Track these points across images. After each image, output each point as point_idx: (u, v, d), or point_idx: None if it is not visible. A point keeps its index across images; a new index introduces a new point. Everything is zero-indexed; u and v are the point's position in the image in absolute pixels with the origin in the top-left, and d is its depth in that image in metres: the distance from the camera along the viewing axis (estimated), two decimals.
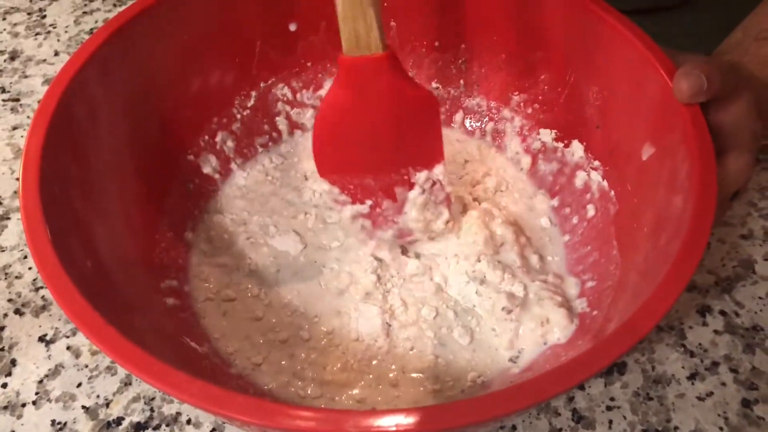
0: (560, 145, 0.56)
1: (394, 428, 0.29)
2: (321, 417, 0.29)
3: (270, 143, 0.60)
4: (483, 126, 0.61)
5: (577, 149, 0.54)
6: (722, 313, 0.52)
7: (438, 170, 0.49)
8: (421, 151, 0.48)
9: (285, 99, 0.60)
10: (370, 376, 0.46)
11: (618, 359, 0.33)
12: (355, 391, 0.45)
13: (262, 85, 0.58)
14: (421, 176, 0.49)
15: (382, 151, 0.48)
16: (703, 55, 0.47)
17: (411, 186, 0.49)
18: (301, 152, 0.60)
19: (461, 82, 0.60)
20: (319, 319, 0.49)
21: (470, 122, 0.61)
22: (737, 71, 0.45)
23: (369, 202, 0.50)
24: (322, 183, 0.53)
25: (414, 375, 0.46)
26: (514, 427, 0.46)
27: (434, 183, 0.49)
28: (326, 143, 0.48)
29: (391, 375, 0.46)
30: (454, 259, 0.51)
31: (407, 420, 0.29)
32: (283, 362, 0.47)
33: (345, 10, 0.41)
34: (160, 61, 0.50)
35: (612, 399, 0.47)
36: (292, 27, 0.56)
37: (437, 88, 0.61)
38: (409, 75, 0.46)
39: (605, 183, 0.51)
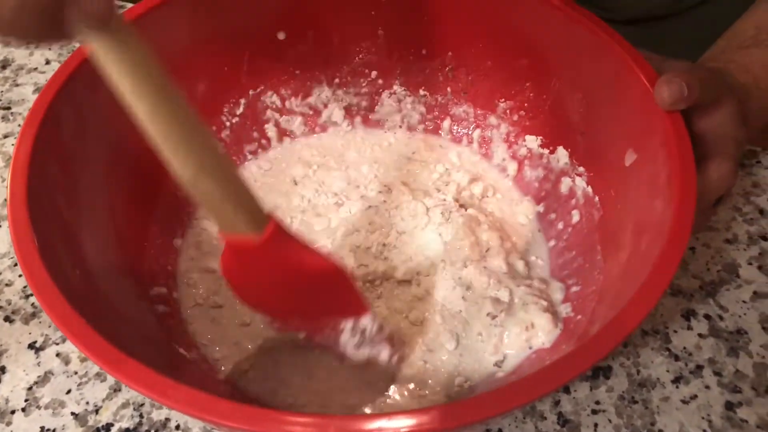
0: (546, 151, 0.56)
1: (378, 431, 0.29)
2: (306, 422, 0.29)
3: (259, 150, 0.60)
4: (470, 133, 0.61)
5: (562, 155, 0.54)
6: (706, 317, 0.53)
7: (365, 321, 0.44)
8: (338, 308, 0.44)
9: (274, 106, 0.60)
10: (359, 382, 0.46)
11: (600, 361, 0.33)
12: (343, 398, 0.46)
13: (251, 92, 0.58)
14: (347, 324, 0.44)
15: (294, 307, 0.44)
16: (688, 62, 0.48)
17: (339, 332, 0.44)
18: (289, 158, 0.60)
19: (448, 89, 0.61)
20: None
21: (457, 129, 0.62)
22: (721, 79, 0.46)
23: (302, 334, 0.47)
24: (311, 189, 0.54)
25: (402, 380, 0.47)
26: (500, 431, 0.46)
27: (364, 331, 0.44)
28: (237, 289, 0.43)
29: (379, 381, 0.47)
30: (440, 265, 0.51)
31: (392, 424, 0.29)
32: (270, 369, 0.47)
33: (202, 204, 0.36)
34: None
35: (597, 403, 0.48)
36: (281, 36, 0.56)
37: (425, 95, 0.62)
38: (304, 245, 0.40)
39: (590, 189, 0.51)
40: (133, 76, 0.32)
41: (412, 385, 0.46)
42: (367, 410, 0.45)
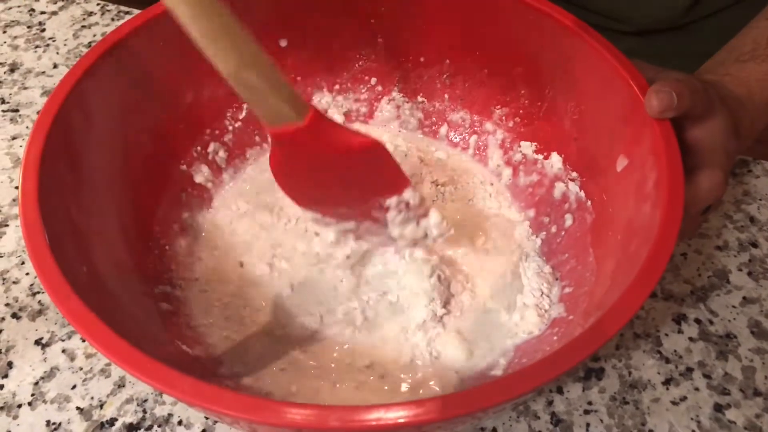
0: (540, 157, 0.57)
1: (374, 423, 0.30)
2: (307, 413, 0.30)
3: (261, 155, 0.61)
4: (467, 138, 0.62)
5: (556, 161, 0.55)
6: (697, 321, 0.54)
7: (408, 194, 0.47)
8: (382, 185, 0.46)
9: None
10: (362, 380, 0.47)
11: (585, 360, 0.34)
12: (344, 394, 0.46)
13: None
14: (392, 201, 0.47)
15: (342, 192, 0.47)
16: (683, 73, 0.49)
17: (386, 210, 0.47)
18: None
19: (446, 96, 0.62)
20: (316, 325, 0.50)
21: (454, 135, 0.63)
22: (714, 90, 0.46)
23: (352, 223, 0.49)
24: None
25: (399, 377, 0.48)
26: (494, 430, 0.47)
27: (408, 203, 0.47)
28: (288, 189, 0.47)
29: (379, 380, 0.48)
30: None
31: (390, 414, 0.30)
32: (274, 366, 0.48)
33: (247, 98, 0.39)
34: (155, 75, 0.51)
35: (589, 403, 0.49)
36: (283, 43, 0.57)
37: (423, 101, 0.63)
38: (342, 126, 0.43)
39: (582, 193, 0.52)
40: None
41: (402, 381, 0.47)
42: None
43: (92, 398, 0.48)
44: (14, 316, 0.52)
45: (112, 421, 0.47)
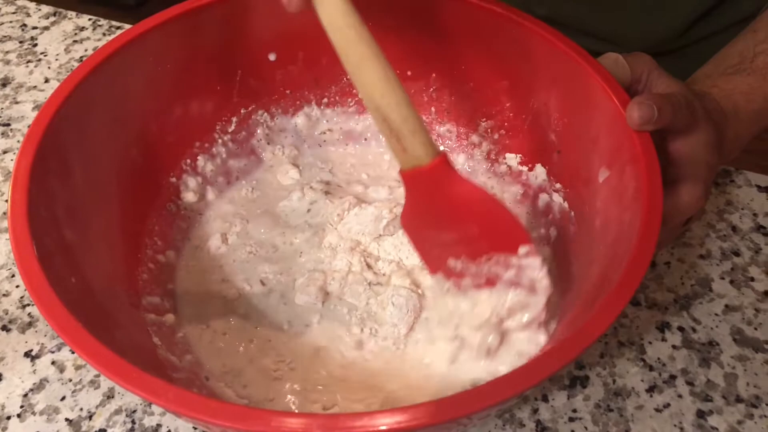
0: (525, 168, 0.58)
1: (359, 430, 0.31)
2: (292, 420, 0.30)
3: (252, 168, 0.62)
4: (454, 150, 0.63)
5: (540, 172, 0.56)
6: (680, 329, 0.54)
7: (522, 251, 0.47)
8: (496, 239, 0.47)
9: (265, 124, 0.62)
10: (355, 391, 0.48)
11: (566, 367, 0.35)
12: (336, 405, 0.47)
13: (242, 111, 0.60)
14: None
15: (460, 246, 0.48)
16: (677, 81, 0.49)
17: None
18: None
19: (432, 109, 0.63)
20: (302, 339, 0.50)
21: (441, 147, 0.63)
22: (700, 104, 0.47)
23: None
24: (299, 200, 0.56)
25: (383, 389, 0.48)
26: None
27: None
28: (417, 243, 0.51)
29: (363, 393, 0.48)
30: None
31: (373, 422, 0.31)
32: (259, 377, 0.48)
33: (384, 137, 0.45)
34: (145, 89, 0.52)
35: (574, 411, 0.49)
36: (272, 57, 0.58)
37: None
38: (461, 177, 0.46)
39: (566, 204, 0.53)
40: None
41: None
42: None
43: (81, 409, 0.48)
44: (4, 328, 0.53)
45: None
